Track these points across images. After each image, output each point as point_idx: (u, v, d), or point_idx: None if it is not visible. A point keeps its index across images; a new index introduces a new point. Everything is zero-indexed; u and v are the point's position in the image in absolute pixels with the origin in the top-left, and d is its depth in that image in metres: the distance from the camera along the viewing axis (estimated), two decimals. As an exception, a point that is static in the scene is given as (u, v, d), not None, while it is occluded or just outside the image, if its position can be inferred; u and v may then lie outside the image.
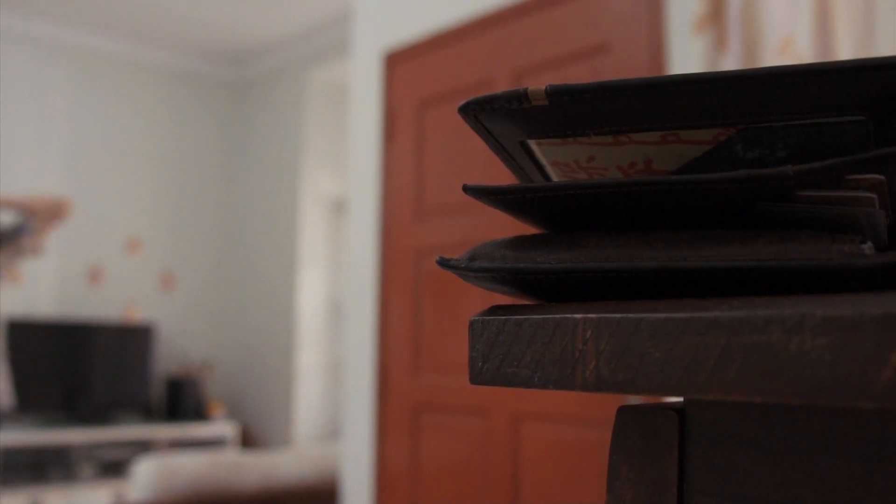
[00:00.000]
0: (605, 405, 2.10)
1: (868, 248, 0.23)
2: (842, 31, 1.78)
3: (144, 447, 4.32)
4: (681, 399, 0.70)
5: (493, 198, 0.30)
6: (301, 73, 4.94)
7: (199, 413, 4.72)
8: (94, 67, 4.79)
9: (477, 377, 0.26)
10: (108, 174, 4.71)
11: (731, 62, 2.00)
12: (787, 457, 0.21)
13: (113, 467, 4.12)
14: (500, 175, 2.43)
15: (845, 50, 1.73)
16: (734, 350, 0.20)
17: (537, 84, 2.47)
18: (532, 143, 0.33)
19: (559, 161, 0.33)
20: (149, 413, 4.65)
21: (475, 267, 0.28)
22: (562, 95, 0.29)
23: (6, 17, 4.45)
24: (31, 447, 3.89)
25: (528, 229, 2.41)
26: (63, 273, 4.53)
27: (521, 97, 0.29)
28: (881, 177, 0.25)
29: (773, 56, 1.90)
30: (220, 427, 4.66)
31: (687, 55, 2.12)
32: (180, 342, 5.02)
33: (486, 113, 0.31)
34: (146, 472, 3.07)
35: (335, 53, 4.71)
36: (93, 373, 4.35)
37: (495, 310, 0.26)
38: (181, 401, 4.69)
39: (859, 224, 0.25)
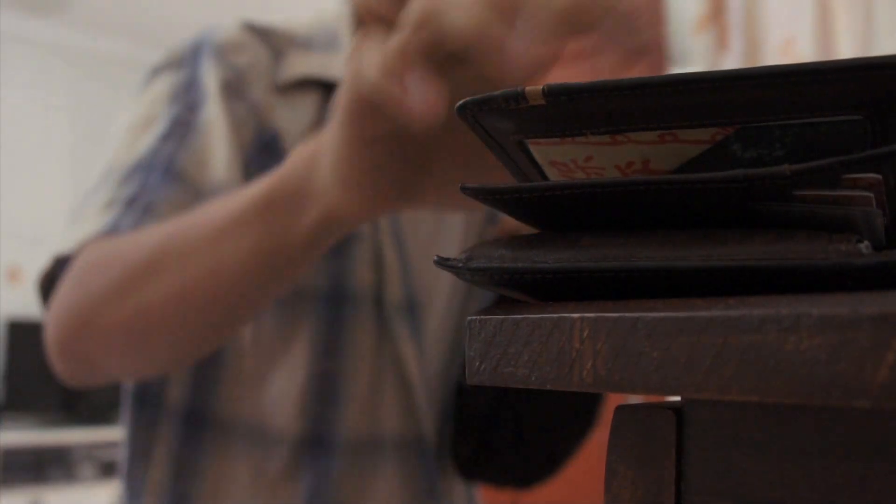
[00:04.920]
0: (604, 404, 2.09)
1: (865, 247, 0.23)
2: (842, 32, 1.78)
3: (145, 447, 4.31)
4: (678, 398, 0.70)
5: (491, 198, 0.30)
6: (301, 73, 4.94)
7: (199, 413, 4.72)
8: (94, 67, 4.79)
9: (474, 377, 0.26)
10: (108, 174, 4.71)
11: (731, 63, 2.00)
12: (784, 456, 0.22)
13: (113, 467, 4.12)
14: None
15: (846, 50, 1.74)
16: (730, 349, 0.20)
17: (536, 84, 2.46)
18: (530, 143, 0.33)
19: (557, 161, 0.33)
20: (149, 413, 4.65)
21: (473, 267, 0.28)
22: (559, 95, 0.29)
23: (6, 17, 4.45)
24: (31, 447, 3.89)
25: (526, 229, 2.41)
26: (63, 273, 4.53)
27: (518, 97, 0.29)
28: (878, 176, 0.25)
29: (775, 56, 1.90)
30: (221, 427, 4.65)
31: (687, 55, 2.12)
32: (180, 342, 5.02)
33: (483, 113, 0.31)
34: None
35: (335, 53, 4.70)
36: (93, 373, 4.35)
37: (493, 309, 0.26)
38: (181, 401, 4.68)
39: (856, 223, 0.25)
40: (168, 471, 0.75)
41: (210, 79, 0.77)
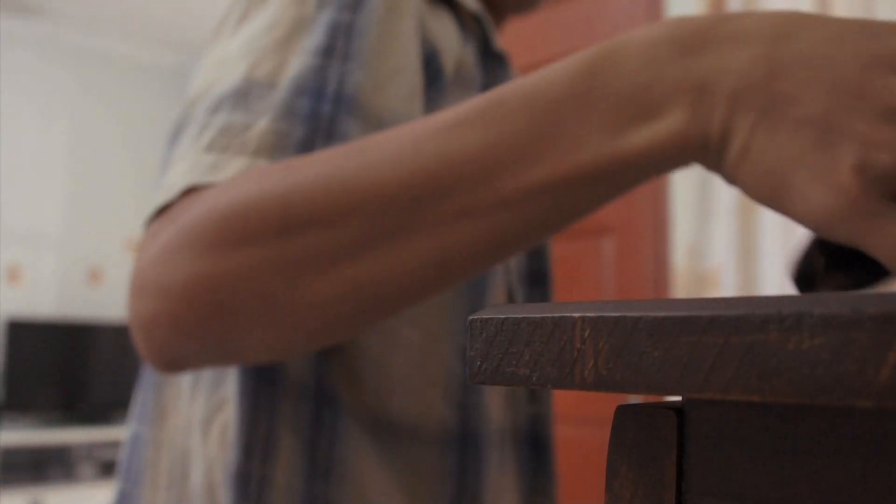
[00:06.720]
0: (605, 404, 2.10)
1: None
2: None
3: (144, 447, 4.31)
4: (679, 398, 0.70)
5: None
6: (301, 73, 4.94)
7: (199, 413, 4.71)
8: (94, 67, 4.79)
9: (475, 376, 0.26)
10: (108, 174, 4.71)
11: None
12: (786, 456, 0.21)
13: (113, 467, 4.12)
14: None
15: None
16: (732, 349, 0.20)
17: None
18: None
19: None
20: (149, 413, 4.64)
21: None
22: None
23: (6, 17, 4.45)
24: (31, 447, 3.89)
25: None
26: (63, 273, 4.53)
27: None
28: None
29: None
30: (220, 427, 4.65)
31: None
32: (180, 342, 5.02)
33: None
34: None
35: (335, 53, 4.70)
36: (93, 373, 4.35)
37: (494, 308, 0.26)
38: (181, 401, 4.68)
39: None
40: (300, 469, 0.53)
41: None
